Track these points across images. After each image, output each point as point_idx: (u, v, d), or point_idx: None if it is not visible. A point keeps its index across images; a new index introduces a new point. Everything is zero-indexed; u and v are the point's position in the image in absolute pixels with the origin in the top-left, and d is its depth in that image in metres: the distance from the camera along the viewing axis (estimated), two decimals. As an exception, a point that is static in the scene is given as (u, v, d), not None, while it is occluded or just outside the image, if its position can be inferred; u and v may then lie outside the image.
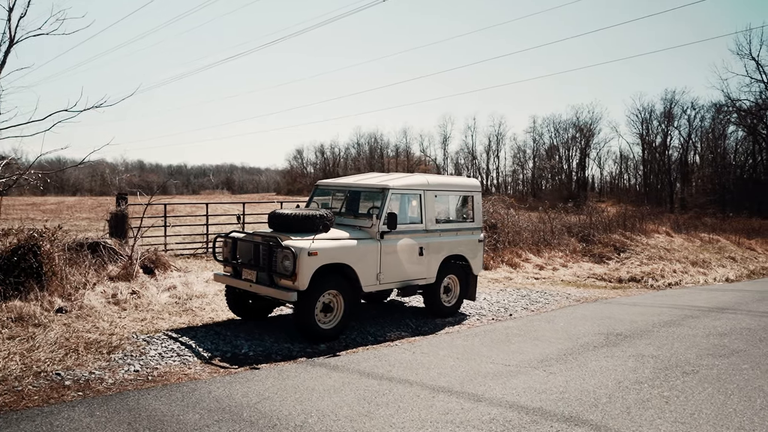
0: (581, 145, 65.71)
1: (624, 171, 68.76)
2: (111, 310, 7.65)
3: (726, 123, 55.11)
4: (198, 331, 7.11)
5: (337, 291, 7.08)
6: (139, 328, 7.09)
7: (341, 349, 6.75)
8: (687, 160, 60.34)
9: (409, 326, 7.97)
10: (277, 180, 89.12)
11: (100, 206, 36.45)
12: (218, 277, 7.72)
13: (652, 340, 7.02)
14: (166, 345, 6.44)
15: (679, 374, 5.49)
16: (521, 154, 71.31)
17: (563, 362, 5.97)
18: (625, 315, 8.83)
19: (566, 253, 15.24)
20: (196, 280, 9.59)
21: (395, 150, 78.52)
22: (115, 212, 11.94)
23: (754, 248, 22.21)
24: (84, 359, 5.82)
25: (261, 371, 5.70)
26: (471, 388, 5.07)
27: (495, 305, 9.69)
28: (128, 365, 5.75)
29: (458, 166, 74.38)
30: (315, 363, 6.04)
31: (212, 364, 5.96)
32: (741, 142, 54.54)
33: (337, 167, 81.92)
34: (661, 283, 13.63)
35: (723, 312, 9.19)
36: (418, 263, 7.99)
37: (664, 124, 59.99)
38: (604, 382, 5.24)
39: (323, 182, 8.80)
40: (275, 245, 6.83)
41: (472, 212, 8.94)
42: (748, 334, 7.41)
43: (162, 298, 8.39)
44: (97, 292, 8.04)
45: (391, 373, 5.63)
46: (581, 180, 65.33)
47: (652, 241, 16.95)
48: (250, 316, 7.87)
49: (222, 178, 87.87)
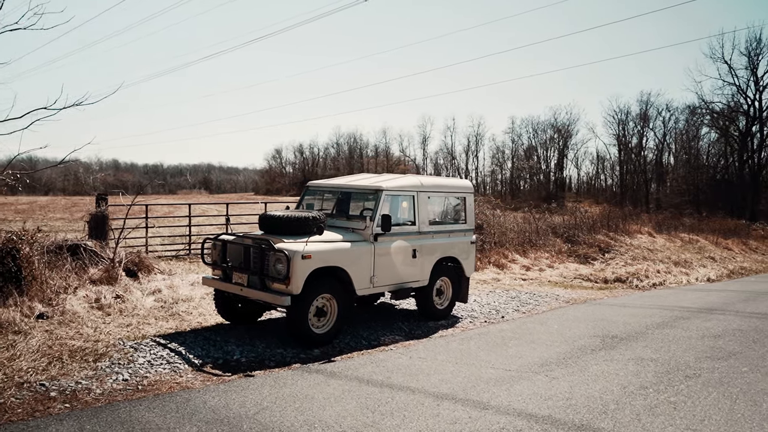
0: (559, 146, 66.36)
1: (601, 171, 69.61)
2: (95, 316, 7.37)
3: (699, 125, 56.20)
4: (187, 336, 6.88)
5: (330, 295, 6.91)
6: (125, 334, 6.83)
7: (336, 354, 6.58)
8: (662, 160, 61.37)
9: (403, 330, 7.84)
10: (255, 180, 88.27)
11: (74, 206, 35.67)
12: (207, 280, 7.49)
13: (648, 343, 6.99)
14: (155, 352, 6.20)
15: (681, 378, 5.44)
16: (500, 154, 71.77)
17: (564, 366, 5.88)
18: (617, 317, 8.82)
19: (552, 253, 15.26)
20: (181, 283, 9.32)
21: (374, 150, 78.44)
22: (95, 213, 11.58)
23: (731, 248, 22.58)
24: (69, 368, 5.56)
25: (256, 379, 5.51)
26: (475, 395, 4.95)
27: (486, 307, 9.61)
28: (116, 374, 5.51)
29: (437, 166, 74.57)
30: (311, 369, 5.87)
31: (204, 372, 5.75)
32: (713, 143, 55.61)
33: (317, 167, 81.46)
34: (645, 284, 13.71)
35: (712, 313, 9.24)
36: (412, 266, 7.86)
37: (639, 125, 60.90)
38: (609, 387, 5.17)
39: (314, 183, 8.61)
40: (267, 248, 6.64)
41: (464, 214, 8.84)
42: (741, 336, 7.43)
43: (147, 303, 8.13)
44: (80, 296, 7.75)
45: (391, 379, 5.48)
46: (559, 180, 65.95)
47: (636, 242, 17.08)
48: (239, 320, 7.65)
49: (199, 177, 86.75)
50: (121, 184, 68.85)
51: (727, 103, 49.59)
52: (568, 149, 66.52)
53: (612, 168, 67.12)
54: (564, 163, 67.11)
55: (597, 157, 68.44)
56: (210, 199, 50.18)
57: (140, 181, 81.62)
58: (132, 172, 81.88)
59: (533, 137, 68.71)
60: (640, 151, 61.22)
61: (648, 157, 61.35)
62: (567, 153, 66.75)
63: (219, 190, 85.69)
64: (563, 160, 66.82)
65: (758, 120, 47.63)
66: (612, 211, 19.61)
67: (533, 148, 68.77)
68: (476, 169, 73.72)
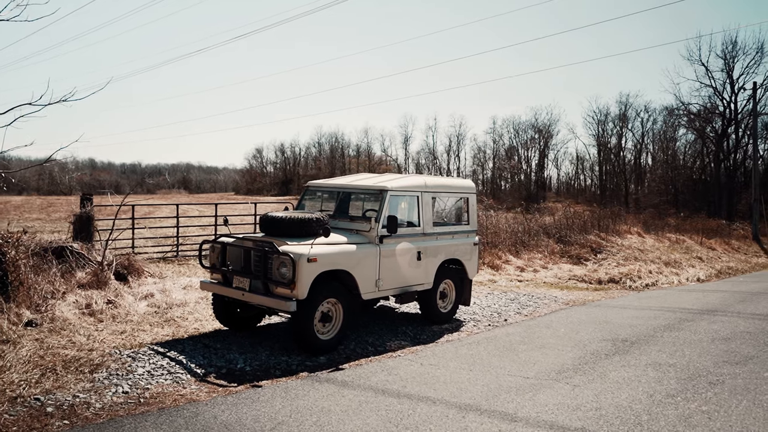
0: (540, 146, 66.74)
1: (580, 171, 70.21)
2: (86, 322, 7.01)
3: (677, 126, 57.00)
4: (185, 344, 6.57)
5: (336, 299, 6.66)
6: (120, 342, 6.49)
7: (342, 361, 6.33)
8: (640, 161, 62.13)
9: (408, 334, 7.61)
10: (235, 179, 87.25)
11: (50, 206, 34.78)
12: (205, 285, 7.17)
13: (660, 347, 6.86)
14: (154, 361, 5.88)
15: (705, 385, 5.30)
16: (481, 154, 71.96)
17: (582, 373, 5.71)
18: (621, 319, 8.70)
19: (545, 254, 15.18)
20: (173, 287, 8.98)
21: (356, 150, 78.07)
22: (80, 214, 11.16)
23: (714, 248, 22.80)
24: (64, 380, 5.22)
25: (264, 390, 5.24)
26: (499, 406, 4.74)
27: (487, 310, 9.43)
28: (115, 386, 5.19)
29: (419, 166, 74.51)
30: (320, 379, 5.61)
31: (208, 382, 5.46)
32: (691, 144, 56.44)
33: (298, 167, 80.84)
34: (639, 284, 13.69)
35: (714, 314, 9.18)
36: (416, 268, 7.64)
37: (618, 126, 61.54)
38: (635, 395, 5.00)
39: (314, 183, 8.34)
40: (271, 251, 6.35)
41: (467, 214, 8.65)
42: (751, 339, 7.36)
43: (140, 308, 7.78)
44: (69, 302, 7.37)
45: (407, 389, 5.25)
46: (540, 180, 66.34)
47: (626, 242, 17.09)
48: (238, 326, 7.35)
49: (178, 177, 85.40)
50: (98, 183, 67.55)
51: (704, 105, 50.35)
52: (548, 149, 66.95)
53: (591, 168, 67.77)
54: (545, 163, 67.55)
55: (577, 158, 69.03)
56: (191, 199, 49.46)
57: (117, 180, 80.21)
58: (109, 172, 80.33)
59: (514, 137, 69.04)
60: (619, 151, 61.90)
61: (627, 157, 62.06)
62: (548, 153, 67.20)
63: (198, 189, 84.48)
64: (544, 161, 67.25)
65: (734, 121, 48.40)
66: (602, 212, 19.62)
67: (514, 149, 69.10)
68: (458, 169, 73.81)
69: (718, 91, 48.55)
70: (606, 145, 62.66)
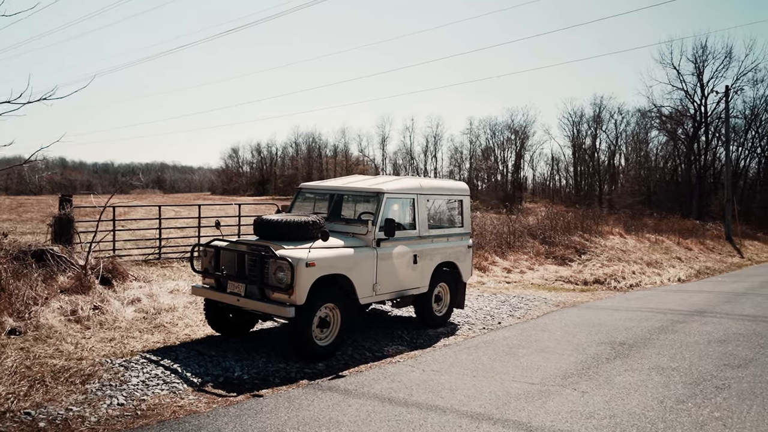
0: (516, 147, 67.30)
1: (555, 172, 71.02)
2: (73, 330, 6.73)
3: (649, 128, 58.02)
4: (178, 351, 6.35)
5: (334, 304, 6.52)
6: (110, 350, 6.24)
7: (342, 367, 6.19)
8: (613, 162, 63.09)
9: (404, 339, 7.50)
10: (211, 179, 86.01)
11: (20, 207, 33.80)
12: (197, 290, 6.96)
13: (659, 350, 6.86)
14: (148, 370, 5.66)
15: (712, 389, 5.30)
16: (458, 155, 72.31)
17: (587, 378, 5.67)
18: (615, 321, 8.72)
19: (530, 255, 15.21)
20: (160, 291, 8.72)
21: (333, 150, 77.70)
22: (60, 216, 10.81)
23: (691, 248, 23.19)
24: (55, 392, 4.98)
25: (266, 399, 5.07)
26: (511, 414, 4.65)
27: (479, 312, 9.38)
28: (110, 398, 4.97)
29: (396, 166, 74.56)
30: (322, 387, 5.46)
31: (206, 392, 5.27)
32: (663, 146, 57.48)
33: (275, 167, 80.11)
34: (623, 285, 13.81)
35: (703, 316, 9.27)
36: (413, 272, 7.54)
37: (593, 127, 62.39)
38: (646, 401, 4.96)
39: (307, 185, 8.17)
40: (268, 255, 6.18)
41: (461, 217, 8.57)
42: (745, 341, 7.41)
43: (128, 314, 7.51)
44: (53, 308, 7.08)
45: (413, 397, 5.13)
46: (516, 181, 66.89)
47: (609, 243, 17.25)
48: (230, 332, 7.14)
49: (152, 176, 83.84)
50: (69, 183, 66.00)
51: (675, 107, 51.32)
52: (525, 150, 67.55)
53: (566, 169, 68.60)
54: (521, 164, 68.15)
55: (552, 159, 69.82)
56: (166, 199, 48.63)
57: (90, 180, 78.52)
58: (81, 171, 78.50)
59: (491, 138, 69.51)
60: (594, 152, 62.76)
61: (601, 158, 62.96)
62: (524, 154, 67.80)
63: (173, 189, 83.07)
64: (520, 161, 67.84)
65: (704, 124, 49.41)
66: (585, 212, 19.78)
67: (491, 149, 69.57)
68: (435, 169, 74.05)
69: (689, 94, 49.56)
70: (581, 147, 63.48)
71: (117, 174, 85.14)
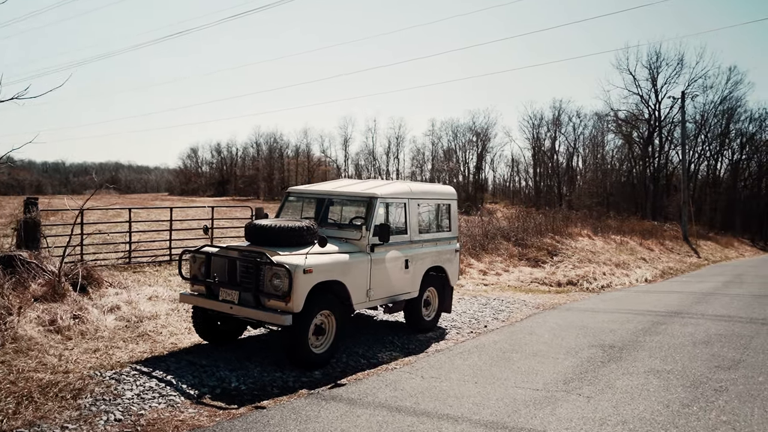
0: (478, 149, 68.13)
1: (515, 174, 72.23)
2: (54, 341, 6.40)
3: (606, 131, 59.65)
4: (169, 362, 6.11)
5: (329, 311, 6.40)
6: (96, 361, 5.96)
7: (339, 375, 6.08)
8: (572, 164, 64.60)
9: (396, 344, 7.44)
10: (169, 179, 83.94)
11: (-32, 208, 32.18)
12: (186, 297, 6.72)
13: (649, 352, 6.99)
14: (141, 383, 5.42)
15: (712, 392, 5.41)
16: (420, 156, 72.72)
17: (588, 383, 5.71)
18: (598, 323, 8.86)
19: (504, 257, 15.37)
20: (138, 298, 8.41)
21: (295, 151, 76.97)
22: (26, 219, 10.29)
23: (652, 248, 23.91)
24: (46, 409, 4.71)
25: (271, 412, 4.92)
26: (524, 422, 4.64)
27: (463, 316, 9.39)
28: (106, 413, 4.73)
29: (359, 167, 74.49)
30: (324, 397, 5.34)
31: (205, 404, 5.08)
32: (619, 148, 59.16)
33: (235, 167, 78.82)
34: (595, 286, 14.09)
35: (681, 317, 9.51)
36: (404, 276, 7.48)
37: (552, 130, 63.73)
38: (652, 406, 5.02)
39: (296, 189, 8.01)
40: (263, 262, 6.01)
41: (449, 221, 8.57)
42: (728, 342, 7.63)
43: (109, 322, 7.21)
44: (30, 318, 6.72)
45: (421, 406, 5.07)
46: (478, 182, 67.70)
47: (579, 244, 17.59)
48: (218, 340, 6.94)
49: (106, 176, 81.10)
50: (17, 183, 63.36)
51: (631, 111, 52.90)
52: (486, 152, 68.45)
53: (526, 170, 69.84)
54: (482, 165, 69.04)
55: (512, 160, 71.00)
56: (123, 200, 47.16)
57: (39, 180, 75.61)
58: (30, 171, 75.33)
59: (453, 140, 70.17)
60: (553, 154, 64.11)
61: (559, 160, 64.34)
62: (485, 156, 68.69)
63: (129, 190, 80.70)
64: (482, 163, 68.71)
65: (657, 128, 51.10)
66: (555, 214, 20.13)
67: (453, 151, 70.25)
68: (397, 170, 74.29)
69: (644, 98, 51.17)
70: (540, 149, 64.74)
71: (69, 174, 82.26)
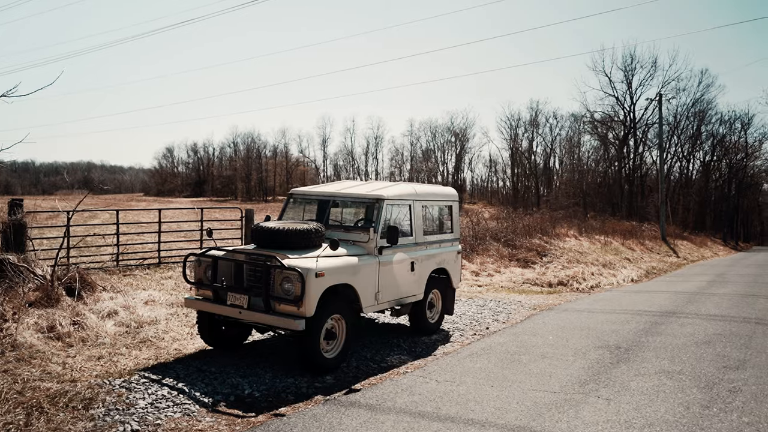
0: (456, 149, 68.49)
1: (493, 174, 72.79)
2: (55, 348, 6.18)
3: (582, 132, 60.48)
4: (177, 369, 5.95)
5: (340, 315, 6.31)
6: (102, 369, 5.77)
7: (350, 379, 6.00)
8: (549, 164, 65.35)
9: (402, 347, 7.37)
10: (144, 179, 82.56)
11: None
12: (191, 302, 6.56)
13: (655, 353, 7.05)
14: (153, 391, 5.26)
15: (727, 393, 5.46)
16: (399, 156, 72.85)
17: (604, 385, 5.72)
18: (598, 324, 8.92)
19: (495, 258, 15.42)
20: (134, 303, 8.20)
21: (273, 150, 76.40)
22: (11, 222, 9.95)
23: (634, 248, 24.26)
24: (58, 420, 4.53)
25: (292, 420, 4.81)
26: (551, 426, 4.61)
27: (464, 317, 9.37)
28: (121, 423, 4.57)
29: (337, 167, 74.29)
30: (342, 403, 5.24)
31: (222, 413, 4.95)
32: (595, 149, 60.03)
33: (212, 167, 77.86)
34: (584, 286, 14.22)
35: (676, 317, 9.63)
36: (411, 279, 7.42)
37: (530, 131, 64.38)
38: (673, 408, 5.04)
39: (299, 191, 7.89)
40: (273, 265, 5.89)
41: (451, 223, 8.53)
42: (728, 341, 7.73)
43: (108, 328, 7.00)
44: (27, 324, 6.49)
45: (443, 411, 5.01)
46: (456, 182, 68.04)
47: (567, 245, 17.75)
48: (223, 345, 6.80)
49: (78, 176, 79.49)
50: (-14, 183, 61.63)
51: (607, 113, 53.69)
52: (464, 152, 68.85)
53: (504, 171, 70.43)
54: (461, 165, 69.43)
55: (490, 161, 71.56)
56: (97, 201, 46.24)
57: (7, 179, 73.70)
58: (-2, 170, 73.27)
59: (431, 140, 70.42)
60: (530, 155, 64.76)
61: (537, 161, 65.03)
62: (464, 156, 69.09)
63: (102, 190, 79.15)
64: (460, 163, 69.10)
65: (632, 129, 51.96)
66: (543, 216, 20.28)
67: (431, 151, 70.52)
68: (376, 171, 74.30)
69: (619, 100, 51.91)
70: (518, 149, 65.35)
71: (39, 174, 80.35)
